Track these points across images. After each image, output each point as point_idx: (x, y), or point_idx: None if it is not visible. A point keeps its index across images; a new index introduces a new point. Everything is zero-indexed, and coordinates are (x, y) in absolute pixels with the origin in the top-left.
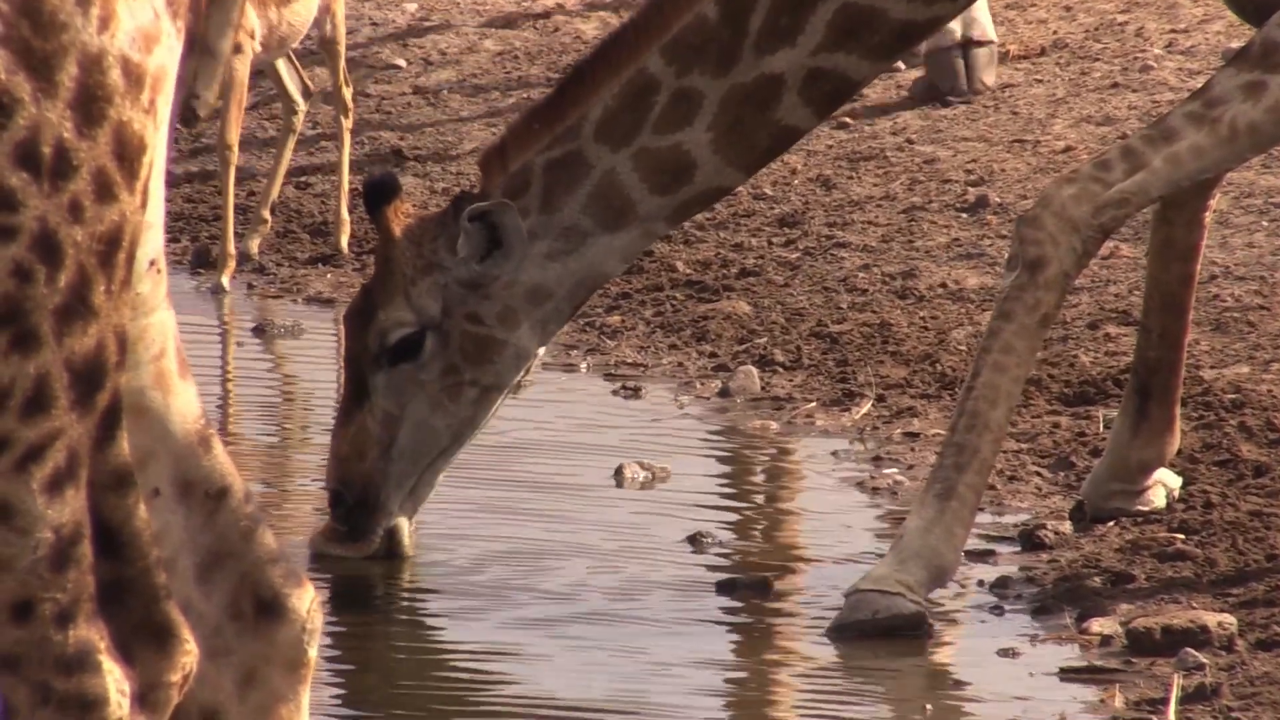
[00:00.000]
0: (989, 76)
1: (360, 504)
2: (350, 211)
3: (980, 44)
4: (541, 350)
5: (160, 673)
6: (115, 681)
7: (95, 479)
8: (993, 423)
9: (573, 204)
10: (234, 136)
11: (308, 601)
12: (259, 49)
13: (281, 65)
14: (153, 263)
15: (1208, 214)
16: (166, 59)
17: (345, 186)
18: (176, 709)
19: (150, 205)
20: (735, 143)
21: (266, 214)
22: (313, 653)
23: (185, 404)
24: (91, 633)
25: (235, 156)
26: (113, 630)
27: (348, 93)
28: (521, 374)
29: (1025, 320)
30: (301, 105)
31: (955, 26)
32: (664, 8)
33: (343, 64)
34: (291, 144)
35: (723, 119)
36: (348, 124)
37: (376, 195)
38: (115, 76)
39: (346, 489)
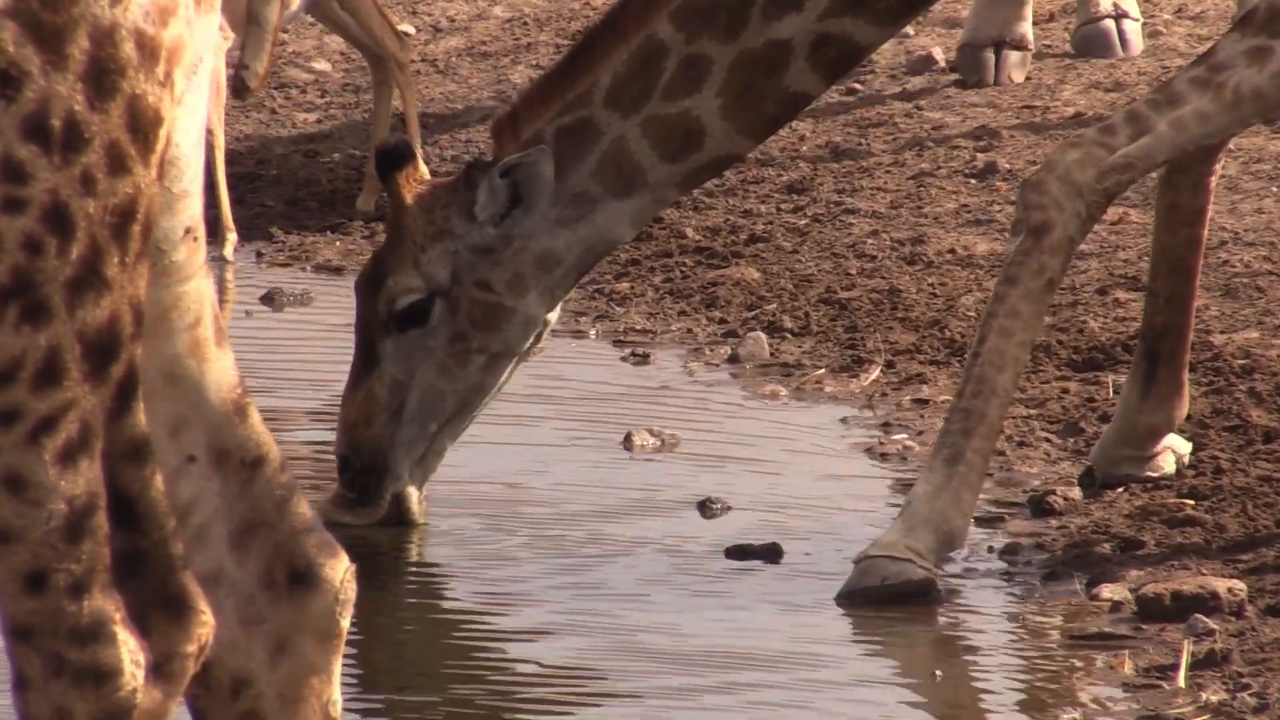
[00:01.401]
0: (1018, 75)
1: (367, 469)
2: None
3: (1016, 47)
4: (553, 317)
5: (176, 643)
6: (129, 653)
7: (111, 450)
8: (999, 388)
9: (583, 171)
10: (213, 121)
11: (341, 572)
12: (231, 35)
13: (350, 25)
14: (188, 230)
15: (1213, 178)
16: (184, 31)
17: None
18: (207, 677)
19: (187, 174)
20: (744, 109)
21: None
22: (345, 623)
23: (221, 372)
24: (106, 604)
25: (219, 139)
26: (128, 601)
27: (394, 45)
28: (530, 341)
29: (1030, 285)
30: (386, 55)
31: (992, 27)
32: None
33: (375, 19)
34: (388, 97)
35: (732, 85)
36: (404, 80)
37: (389, 162)
38: (128, 50)
39: (354, 454)
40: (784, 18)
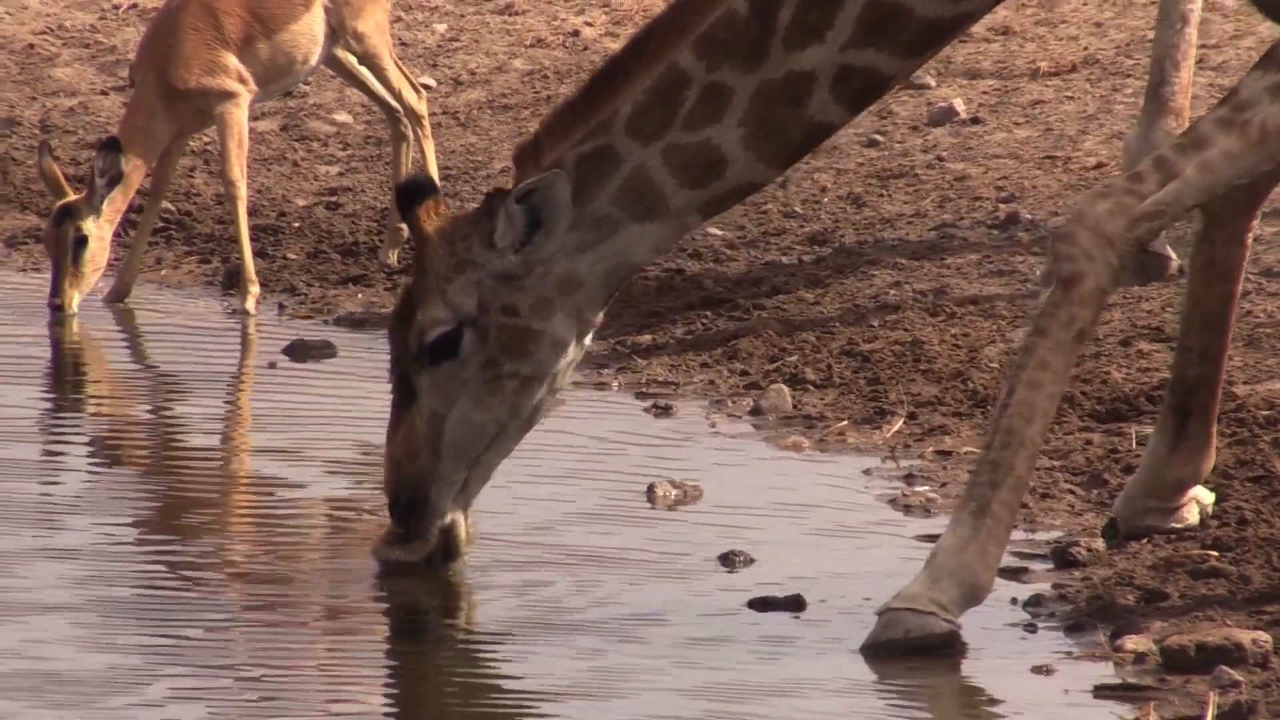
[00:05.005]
0: None
1: (412, 504)
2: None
3: None
4: (587, 340)
5: None
6: None
7: None
8: (1028, 440)
9: (603, 197)
10: (236, 173)
11: None
12: (255, 89)
13: (370, 78)
14: None
15: (1249, 234)
16: None
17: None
18: None
19: None
20: (767, 139)
21: (399, 224)
22: None
23: None
24: None
25: (242, 190)
26: None
27: (411, 98)
28: (561, 363)
29: (1061, 336)
30: (399, 109)
31: None
32: (695, 2)
33: (392, 73)
34: (405, 150)
35: (753, 115)
36: (422, 132)
37: (408, 196)
38: None
39: (401, 490)
40: (805, 48)
